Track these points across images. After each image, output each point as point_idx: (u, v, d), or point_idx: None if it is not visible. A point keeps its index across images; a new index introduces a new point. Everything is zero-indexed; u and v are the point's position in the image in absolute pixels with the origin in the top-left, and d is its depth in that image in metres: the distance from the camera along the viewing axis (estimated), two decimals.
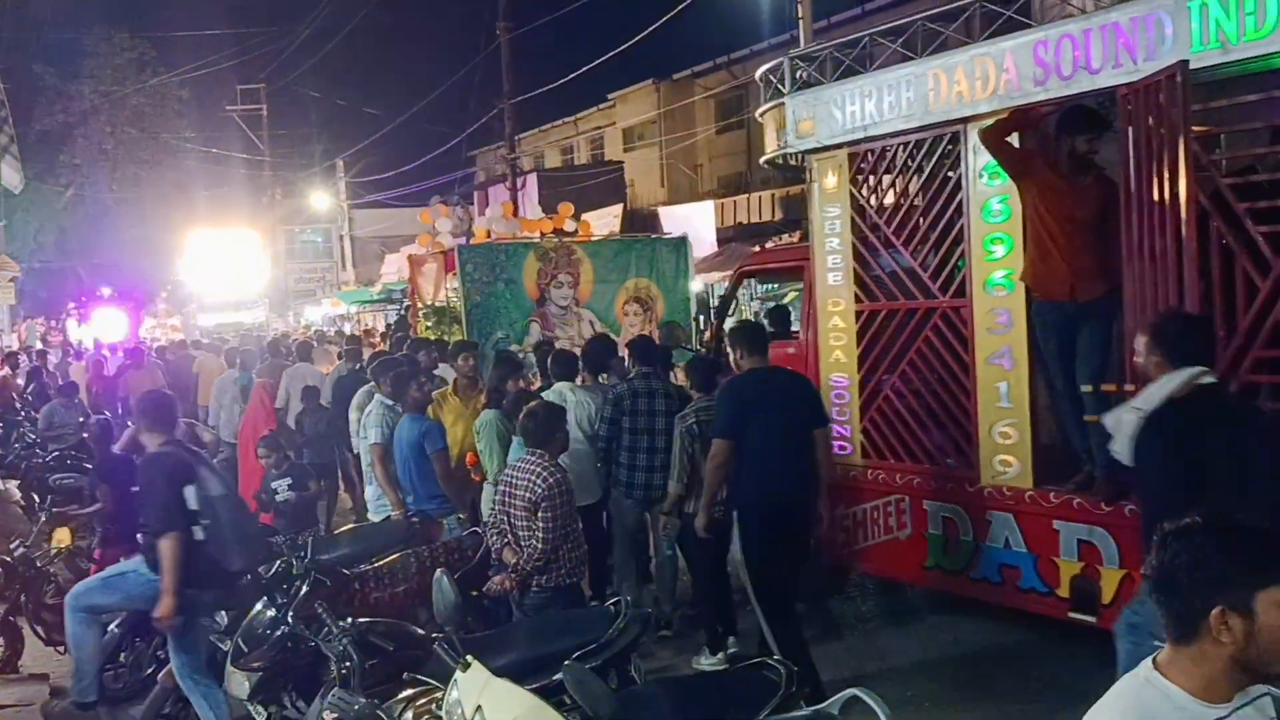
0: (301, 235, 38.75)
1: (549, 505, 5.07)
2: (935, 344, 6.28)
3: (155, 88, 32.47)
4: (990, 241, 5.92)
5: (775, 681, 3.91)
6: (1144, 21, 4.99)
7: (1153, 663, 2.07)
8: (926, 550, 6.37)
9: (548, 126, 35.28)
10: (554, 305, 13.64)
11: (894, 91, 6.19)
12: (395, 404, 7.05)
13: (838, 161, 6.72)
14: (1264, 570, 1.95)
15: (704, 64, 31.96)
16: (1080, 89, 5.33)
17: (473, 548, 6.09)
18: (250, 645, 4.95)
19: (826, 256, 6.89)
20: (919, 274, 6.36)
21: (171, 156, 32.76)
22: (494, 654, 4.22)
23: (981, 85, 5.75)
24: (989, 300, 5.95)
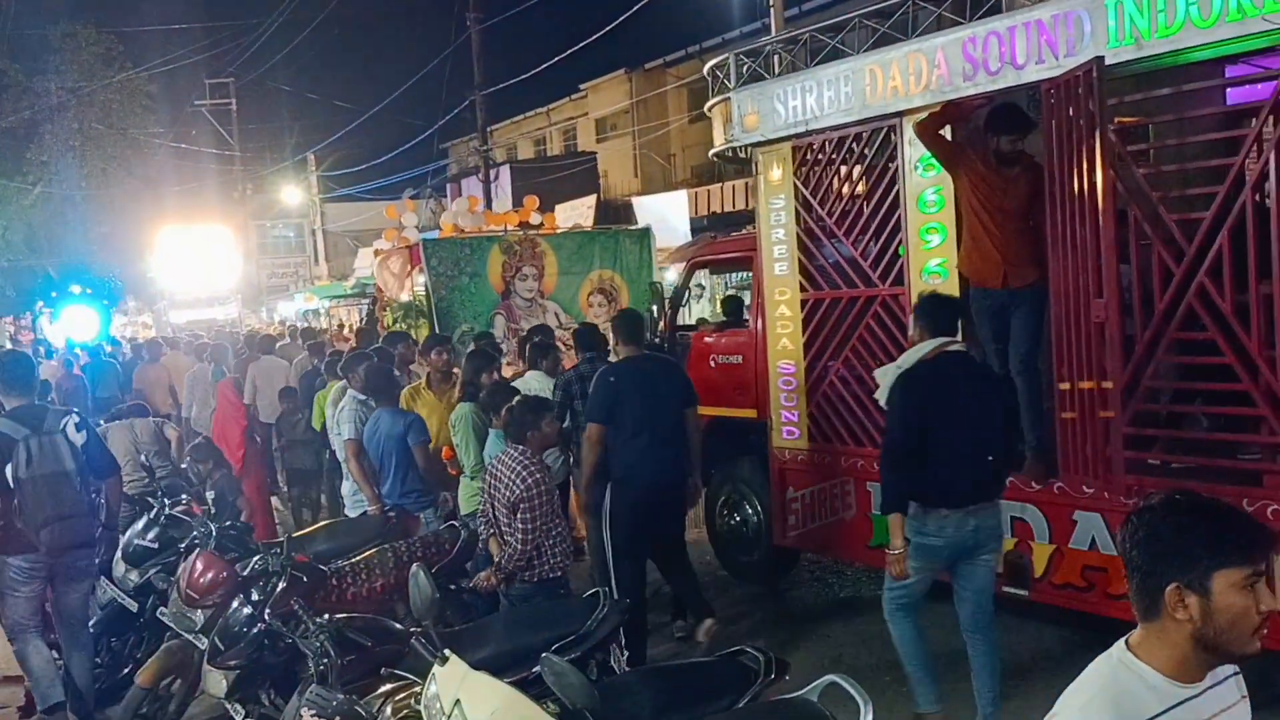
0: (273, 230, 38.75)
1: (528, 505, 5.12)
2: (876, 331, 6.54)
3: (123, 83, 32.27)
4: (926, 231, 6.17)
5: (754, 669, 3.96)
6: (1064, 19, 5.24)
7: (1125, 643, 2.11)
8: (871, 530, 6.63)
9: (520, 118, 35.39)
10: (519, 297, 13.84)
11: (833, 86, 6.43)
12: (368, 398, 7.14)
13: (782, 154, 6.96)
14: (1222, 550, 1.98)
15: (675, 53, 32.08)
16: (1007, 83, 5.59)
17: (450, 541, 6.14)
18: (227, 643, 4.97)
19: (773, 247, 7.13)
20: (860, 263, 6.59)
21: (140, 152, 32.62)
22: (472, 648, 4.24)
23: (915, 80, 5.99)
24: (925, 288, 6.16)
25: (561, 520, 5.43)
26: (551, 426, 5.56)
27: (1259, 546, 1.99)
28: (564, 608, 5.02)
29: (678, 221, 23.55)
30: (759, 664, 3.98)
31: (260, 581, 5.14)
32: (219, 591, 5.31)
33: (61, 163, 31.85)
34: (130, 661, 6.30)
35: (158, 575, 6.31)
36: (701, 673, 4.31)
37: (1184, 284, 5.00)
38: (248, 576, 5.22)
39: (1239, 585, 1.97)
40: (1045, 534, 5.73)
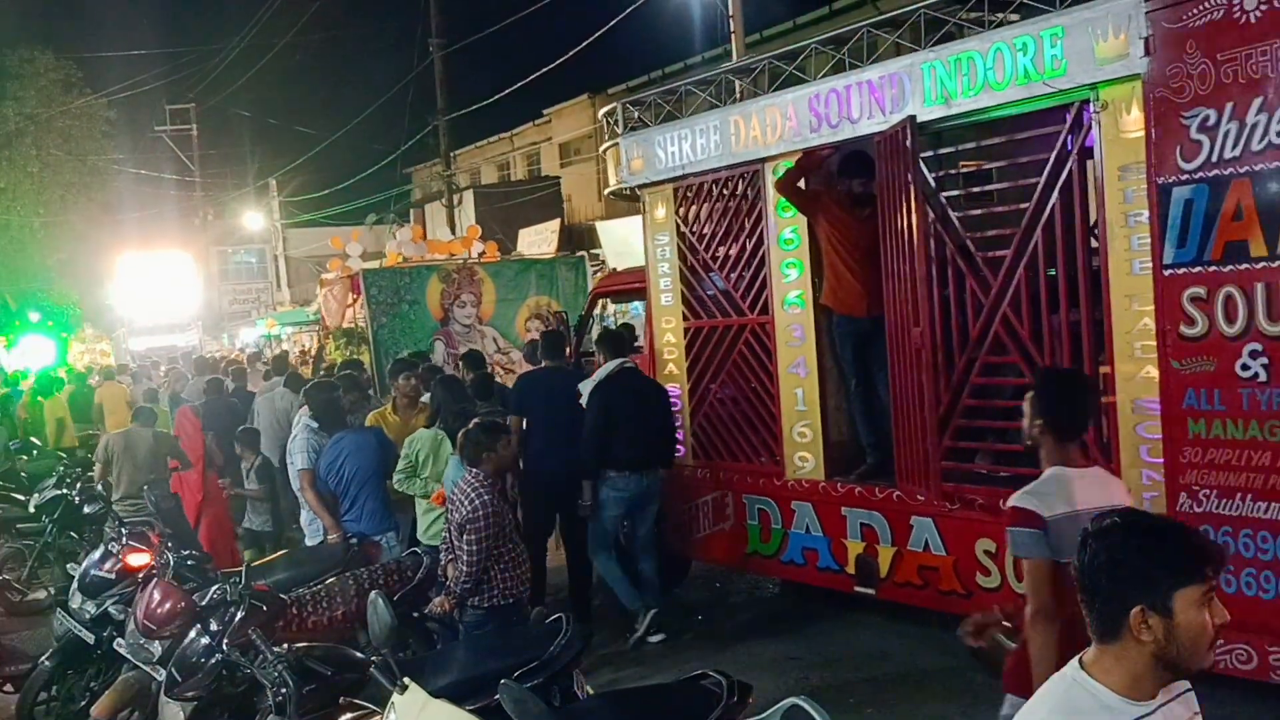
0: (235, 256, 39.36)
1: (473, 528, 5.22)
2: (747, 356, 7.30)
3: (82, 109, 32.85)
4: (786, 266, 6.96)
5: (716, 693, 3.99)
6: (889, 79, 6.05)
7: (1079, 662, 2.16)
8: (747, 539, 7.37)
9: (484, 143, 36.06)
10: (458, 324, 14.59)
11: (704, 135, 7.23)
12: (320, 427, 7.33)
13: (665, 195, 7.75)
14: (1181, 570, 2.04)
15: (639, 78, 32.87)
16: (845, 135, 6.40)
17: (412, 568, 6.20)
18: (184, 674, 4.93)
19: (659, 279, 7.91)
20: (732, 295, 7.36)
21: (100, 178, 33.17)
22: (433, 675, 4.27)
23: (772, 131, 6.79)
24: (787, 317, 6.98)
25: (514, 546, 5.53)
26: (508, 449, 5.68)
27: (1211, 561, 2.07)
28: (526, 634, 5.09)
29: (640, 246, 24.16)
30: (721, 688, 4.01)
31: (219, 611, 5.07)
32: (176, 622, 5.22)
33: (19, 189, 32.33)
34: (86, 694, 6.21)
35: (115, 606, 6.18)
36: (664, 697, 4.37)
37: (991, 313, 5.78)
38: (206, 606, 5.16)
39: (1198, 602, 2.03)
40: (889, 538, 6.48)
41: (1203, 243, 4.74)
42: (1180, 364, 4.86)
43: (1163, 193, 4.85)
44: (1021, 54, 5.38)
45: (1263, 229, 4.54)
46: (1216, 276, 4.70)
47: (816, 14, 25.01)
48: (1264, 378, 4.59)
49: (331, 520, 7.03)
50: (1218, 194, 4.67)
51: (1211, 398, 4.77)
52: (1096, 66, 5.08)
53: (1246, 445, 4.66)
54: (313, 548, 7.18)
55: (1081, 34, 5.12)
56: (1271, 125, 4.48)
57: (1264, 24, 4.47)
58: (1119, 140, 5.09)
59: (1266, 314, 4.55)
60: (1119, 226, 5.14)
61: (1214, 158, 4.66)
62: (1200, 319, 4.77)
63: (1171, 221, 4.83)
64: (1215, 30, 4.63)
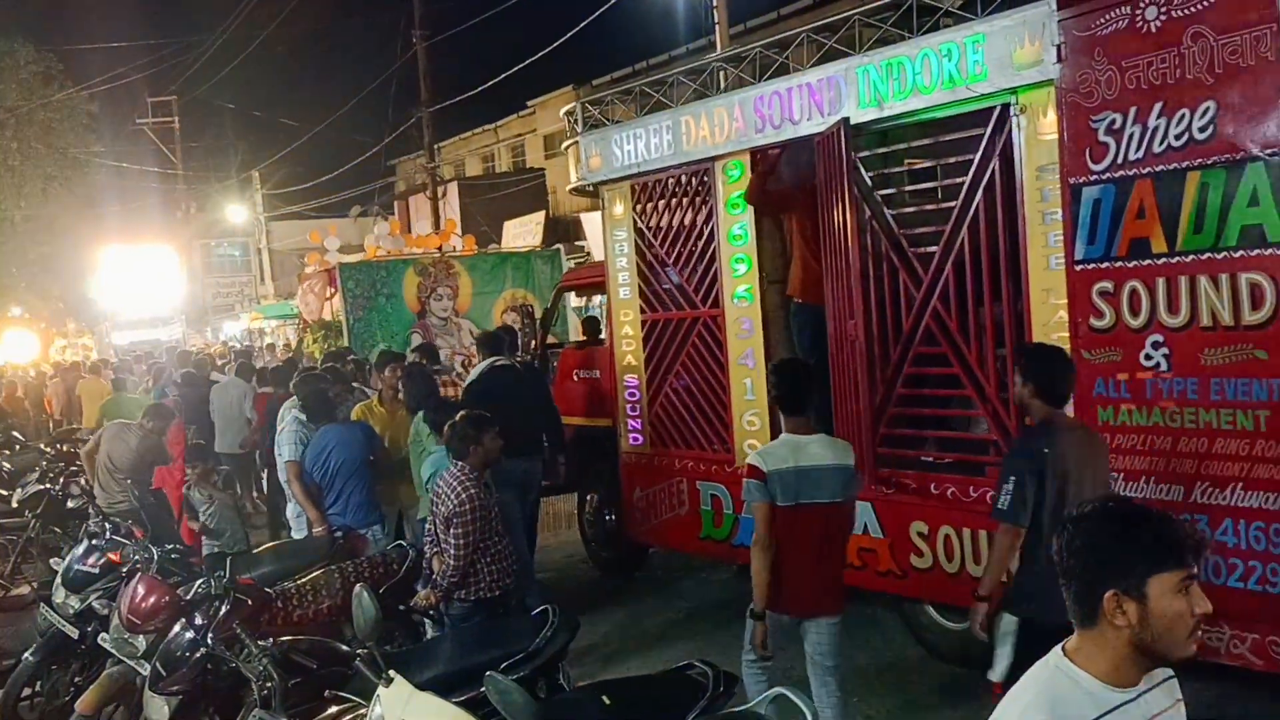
0: (218, 249, 39.60)
1: (459, 521, 5.30)
2: (700, 348, 7.63)
3: (63, 102, 33.02)
4: (735, 261, 7.28)
5: (703, 683, 4.05)
6: (827, 83, 6.38)
7: (1062, 650, 2.19)
8: (700, 524, 7.70)
9: (468, 135, 36.35)
10: (434, 317, 14.93)
11: (658, 134, 7.55)
12: (309, 419, 7.49)
13: (622, 192, 8.07)
14: (1155, 556, 2.07)
15: (623, 69, 33.11)
16: (788, 135, 6.72)
17: (398, 561, 6.25)
18: (169, 669, 4.97)
19: (618, 274, 8.23)
20: (686, 289, 7.68)
21: (81, 171, 33.38)
22: (418, 668, 4.32)
23: (720, 131, 7.11)
24: (736, 310, 7.31)
25: (501, 540, 5.60)
26: (494, 442, 5.67)
27: (1190, 550, 2.09)
28: (512, 626, 5.15)
29: None
30: (707, 678, 4.06)
31: (203, 605, 5.13)
32: (160, 616, 5.29)
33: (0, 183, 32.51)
34: (71, 689, 6.29)
35: (99, 600, 6.24)
36: (650, 688, 4.40)
37: (922, 307, 6.11)
38: (190, 600, 5.23)
39: (1174, 589, 2.06)
40: None
41: (1110, 240, 5.07)
42: (1090, 354, 5.19)
43: (1074, 192, 5.18)
44: (946, 59, 5.70)
45: (1163, 227, 4.87)
46: (1122, 272, 5.03)
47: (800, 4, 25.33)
48: (1165, 367, 4.92)
49: (317, 513, 7.14)
50: (1123, 194, 4.99)
51: (1118, 386, 5.10)
52: (1014, 72, 5.40)
53: (1149, 431, 5.00)
54: (298, 541, 7.25)
55: (1001, 41, 5.44)
56: (1170, 129, 4.81)
57: (1163, 33, 4.79)
58: (1036, 142, 5.42)
59: (1167, 307, 4.89)
60: (1037, 224, 5.47)
61: (1119, 159, 4.99)
62: (1108, 312, 5.10)
63: (1081, 220, 5.16)
64: (1120, 38, 4.95)
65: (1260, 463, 4.64)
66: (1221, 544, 4.77)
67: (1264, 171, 4.51)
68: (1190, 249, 4.78)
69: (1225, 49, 4.59)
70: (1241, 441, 4.69)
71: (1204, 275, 4.74)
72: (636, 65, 32.27)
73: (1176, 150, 4.79)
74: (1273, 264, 4.52)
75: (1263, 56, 4.47)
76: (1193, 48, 4.69)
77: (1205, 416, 4.80)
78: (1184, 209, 4.78)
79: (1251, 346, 4.63)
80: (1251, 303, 4.60)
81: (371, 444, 7.41)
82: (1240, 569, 4.75)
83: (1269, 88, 4.47)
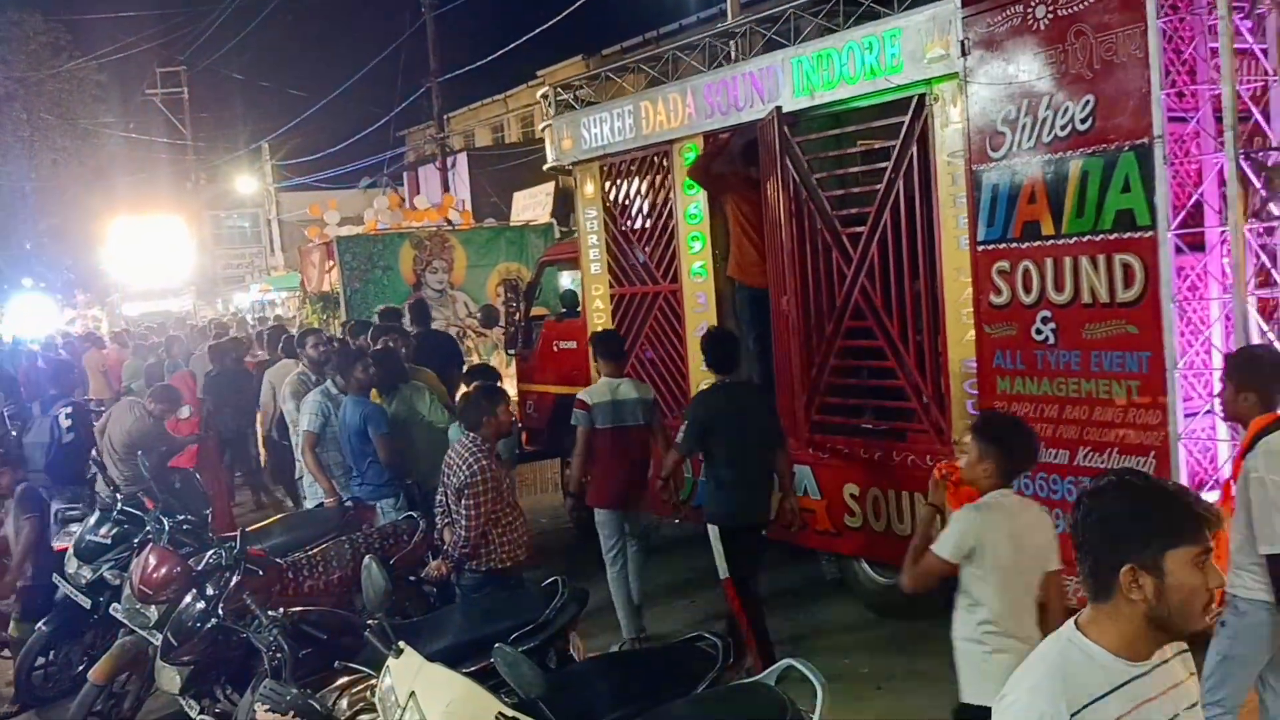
0: (228, 220, 40.43)
1: (472, 492, 5.42)
2: (662, 320, 8.26)
3: (72, 72, 33.75)
4: (692, 239, 7.90)
5: (712, 655, 4.18)
6: (766, 72, 6.97)
7: (1075, 623, 2.22)
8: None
9: (477, 105, 36.85)
10: (430, 289, 15.64)
11: (620, 118, 8.16)
12: (340, 392, 7.48)
13: (592, 172, 8.69)
14: (1173, 530, 2.10)
15: (633, 39, 33.48)
16: (735, 121, 7.32)
17: (409, 532, 6.42)
18: (180, 639, 5.09)
19: (589, 250, 8.87)
20: (649, 264, 8.32)
21: (91, 142, 34.16)
22: (428, 639, 4.45)
23: (675, 116, 7.72)
24: (693, 285, 7.94)
25: (512, 510, 5.73)
26: (506, 415, 5.83)
27: (1207, 524, 2.12)
28: (522, 597, 5.24)
29: None
30: (717, 649, 4.19)
31: (214, 576, 5.25)
32: (172, 587, 5.43)
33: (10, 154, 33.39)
34: (84, 659, 6.47)
35: (110, 571, 6.38)
36: (659, 660, 4.56)
37: (852, 284, 6.72)
38: (201, 571, 5.34)
39: (1190, 563, 2.09)
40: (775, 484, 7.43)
41: (1006, 222, 5.64)
42: (990, 329, 5.78)
43: (976, 178, 5.76)
44: (868, 52, 6.27)
45: (1051, 211, 5.44)
46: (1016, 252, 5.61)
47: None
48: (1053, 341, 5.50)
49: (329, 484, 7.31)
50: (1017, 180, 5.56)
51: (1014, 358, 5.69)
52: (926, 65, 5.97)
53: (1040, 400, 5.58)
54: (308, 511, 7.42)
55: (914, 35, 6.01)
56: (1057, 120, 5.36)
57: (1051, 30, 5.34)
58: (947, 130, 5.99)
59: (1054, 285, 5.46)
60: (948, 207, 6.05)
61: (1014, 148, 5.56)
62: (1005, 289, 5.69)
63: (983, 203, 5.74)
64: (1015, 34, 5.51)
65: (1133, 429, 5.24)
66: None
67: (1134, 160, 5.06)
68: (1073, 232, 5.35)
69: (1101, 46, 5.14)
70: (1117, 409, 5.29)
71: (1085, 256, 5.31)
72: (646, 34, 32.72)
73: (1062, 140, 5.36)
74: (1142, 246, 5.08)
75: (1133, 54, 5.02)
76: (1075, 44, 5.25)
77: (1087, 386, 5.39)
78: (1068, 195, 5.35)
79: (1124, 322, 5.20)
80: (1124, 281, 5.18)
81: (372, 421, 7.21)
82: None
83: (1138, 82, 5.03)
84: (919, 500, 6.20)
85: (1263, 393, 4.16)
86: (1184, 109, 5.03)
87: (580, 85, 8.77)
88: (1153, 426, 5.12)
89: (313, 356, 8.50)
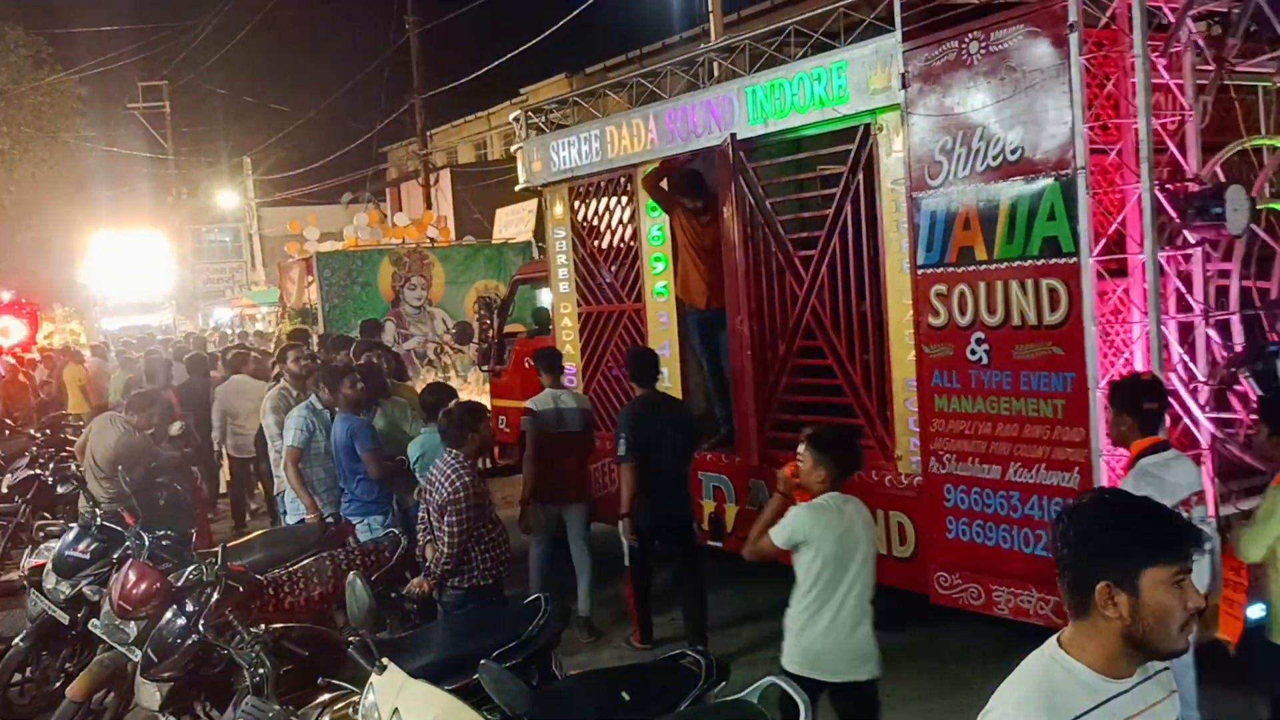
0: (209, 235, 40.68)
1: (454, 509, 5.48)
2: (626, 339, 8.59)
3: (53, 85, 33.97)
4: (655, 260, 8.25)
5: (695, 672, 4.23)
6: (723, 101, 7.33)
7: (1057, 640, 2.25)
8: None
9: (460, 122, 37.20)
10: (408, 305, 15.96)
11: (587, 142, 8.51)
12: (324, 408, 7.51)
13: (561, 194, 9.05)
14: (1149, 548, 2.12)
15: (616, 57, 33.88)
16: (695, 146, 7.67)
17: (390, 549, 6.50)
18: (160, 655, 5.09)
19: (558, 269, 9.21)
20: (615, 284, 8.66)
21: (71, 156, 34.37)
22: (411, 656, 4.47)
23: (638, 141, 8.07)
24: (656, 304, 8.28)
25: (495, 527, 5.79)
26: (488, 430, 5.96)
27: (1185, 544, 2.14)
28: (504, 614, 5.30)
29: None
30: (699, 667, 4.23)
31: (194, 592, 5.25)
32: (152, 602, 5.40)
33: None
34: (61, 675, 6.43)
35: (89, 586, 6.40)
36: (643, 676, 4.58)
37: (804, 305, 7.07)
38: (182, 587, 5.35)
39: (1167, 583, 2.11)
40: (734, 498, 7.78)
41: (944, 248, 5.99)
42: (929, 349, 6.12)
43: (917, 205, 6.10)
44: (817, 83, 6.64)
45: (984, 237, 5.78)
46: (953, 276, 5.96)
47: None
48: (986, 361, 5.84)
49: (311, 500, 7.34)
50: (953, 207, 5.91)
51: (950, 377, 6.03)
52: (870, 95, 6.33)
53: (974, 417, 5.92)
54: (289, 528, 7.44)
55: (860, 68, 6.37)
56: (989, 151, 5.72)
57: (984, 65, 5.69)
58: (891, 158, 6.35)
59: (987, 308, 5.81)
60: (892, 232, 6.41)
61: (951, 176, 5.91)
62: (943, 311, 6.03)
63: (922, 229, 6.08)
64: (950, 69, 5.86)
65: (1059, 446, 5.58)
66: (1029, 517, 5.72)
67: (1059, 190, 5.41)
68: (1004, 257, 5.70)
69: (1028, 81, 5.50)
70: (1044, 427, 5.63)
71: (1015, 280, 5.65)
72: (630, 53, 33.16)
73: (994, 170, 5.71)
74: (1067, 271, 5.43)
75: (1058, 89, 5.38)
76: (1005, 79, 5.60)
77: (1017, 405, 5.73)
78: (1000, 222, 5.69)
79: (1051, 344, 5.54)
80: (1050, 305, 5.53)
81: (360, 438, 7.20)
82: (1045, 539, 5.67)
83: (1062, 116, 5.38)
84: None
85: (1138, 418, 4.52)
86: (1107, 141, 5.40)
87: (552, 109, 9.13)
88: (1076, 444, 5.45)
89: (294, 371, 8.57)
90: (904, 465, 6.48)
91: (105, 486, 8.07)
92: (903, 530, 6.50)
